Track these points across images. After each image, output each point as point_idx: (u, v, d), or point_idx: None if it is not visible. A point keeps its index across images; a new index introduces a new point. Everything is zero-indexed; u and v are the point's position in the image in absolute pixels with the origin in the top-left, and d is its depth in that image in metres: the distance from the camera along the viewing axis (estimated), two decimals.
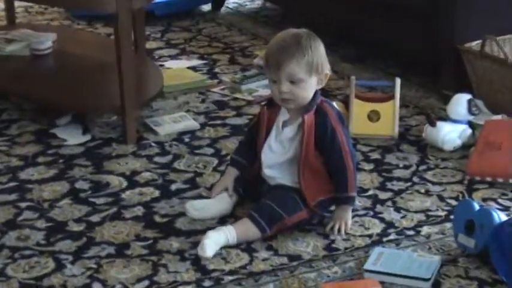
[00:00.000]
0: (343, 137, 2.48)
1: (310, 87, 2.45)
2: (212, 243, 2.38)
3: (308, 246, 2.45)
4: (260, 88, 3.69)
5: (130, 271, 2.35)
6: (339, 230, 2.48)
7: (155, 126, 3.30)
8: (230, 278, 2.30)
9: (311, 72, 2.43)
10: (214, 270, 2.33)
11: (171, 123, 3.32)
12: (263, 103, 2.69)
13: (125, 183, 2.87)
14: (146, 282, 2.29)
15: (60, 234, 2.55)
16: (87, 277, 2.33)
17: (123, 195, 2.78)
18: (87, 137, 3.25)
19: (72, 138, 3.24)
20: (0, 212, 2.70)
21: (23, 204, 2.74)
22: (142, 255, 2.42)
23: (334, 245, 2.45)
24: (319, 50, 2.45)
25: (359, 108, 3.18)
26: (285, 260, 2.38)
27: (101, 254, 2.43)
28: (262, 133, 2.57)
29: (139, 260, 2.40)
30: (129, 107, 3.15)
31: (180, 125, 3.31)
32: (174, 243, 2.48)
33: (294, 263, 2.36)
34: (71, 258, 2.42)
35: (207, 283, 2.28)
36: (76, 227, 2.59)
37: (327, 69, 2.48)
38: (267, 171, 2.56)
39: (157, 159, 3.05)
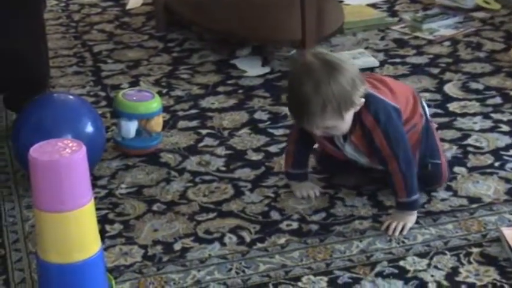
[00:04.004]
0: (382, 141, 2.19)
1: (346, 122, 2.16)
2: None
3: (489, 189, 2.39)
4: (442, 28, 3.61)
5: (308, 202, 2.36)
6: (394, 230, 2.20)
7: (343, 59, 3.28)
8: None
9: (341, 114, 2.11)
10: (391, 207, 2.31)
11: (350, 59, 3.29)
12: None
13: None
14: (323, 214, 2.31)
15: (240, 162, 2.60)
16: (265, 205, 2.37)
17: None
18: (266, 69, 3.29)
19: (252, 69, 3.29)
20: (182, 137, 2.78)
21: (204, 131, 2.81)
22: (320, 187, 2.44)
23: None
24: (343, 86, 2.09)
25: None
26: (464, 201, 2.33)
27: (279, 184, 2.46)
28: (325, 144, 2.34)
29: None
30: (309, 41, 3.15)
31: (359, 61, 3.28)
32: (351, 178, 2.47)
33: (474, 205, 2.31)
34: (249, 186, 2.47)
35: (383, 219, 2.27)
36: (255, 156, 2.64)
37: (360, 95, 2.13)
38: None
39: None
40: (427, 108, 2.39)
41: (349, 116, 2.15)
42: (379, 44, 3.49)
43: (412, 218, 2.24)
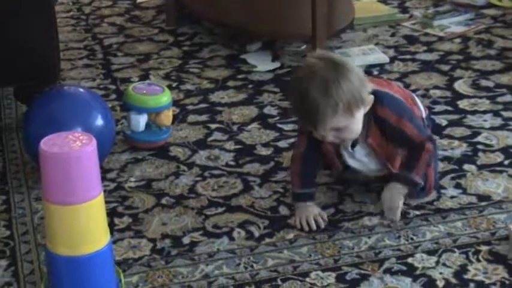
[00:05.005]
0: (412, 129, 2.18)
1: (357, 123, 2.13)
2: None
3: (498, 187, 2.38)
4: (453, 25, 3.60)
5: (317, 198, 2.36)
6: (392, 218, 2.21)
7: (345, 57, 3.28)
8: (417, 212, 2.27)
9: (352, 113, 2.08)
10: None
11: (360, 55, 3.30)
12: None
13: None
14: (332, 210, 2.31)
15: (249, 157, 2.60)
16: (274, 200, 2.37)
17: None
18: (276, 64, 3.28)
19: (262, 64, 3.29)
20: (192, 131, 2.78)
21: (213, 126, 2.81)
22: (329, 183, 2.43)
23: None
24: (351, 82, 2.06)
25: None
26: (473, 199, 2.33)
27: (288, 179, 2.46)
28: (331, 155, 2.30)
29: (325, 188, 2.41)
30: (320, 36, 3.15)
31: (369, 57, 3.28)
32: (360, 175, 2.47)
33: (483, 203, 2.31)
34: (258, 180, 2.47)
35: None
36: (264, 151, 2.64)
37: (368, 92, 2.12)
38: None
39: None
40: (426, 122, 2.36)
41: (359, 115, 2.13)
42: (390, 40, 3.49)
43: (403, 191, 2.20)
